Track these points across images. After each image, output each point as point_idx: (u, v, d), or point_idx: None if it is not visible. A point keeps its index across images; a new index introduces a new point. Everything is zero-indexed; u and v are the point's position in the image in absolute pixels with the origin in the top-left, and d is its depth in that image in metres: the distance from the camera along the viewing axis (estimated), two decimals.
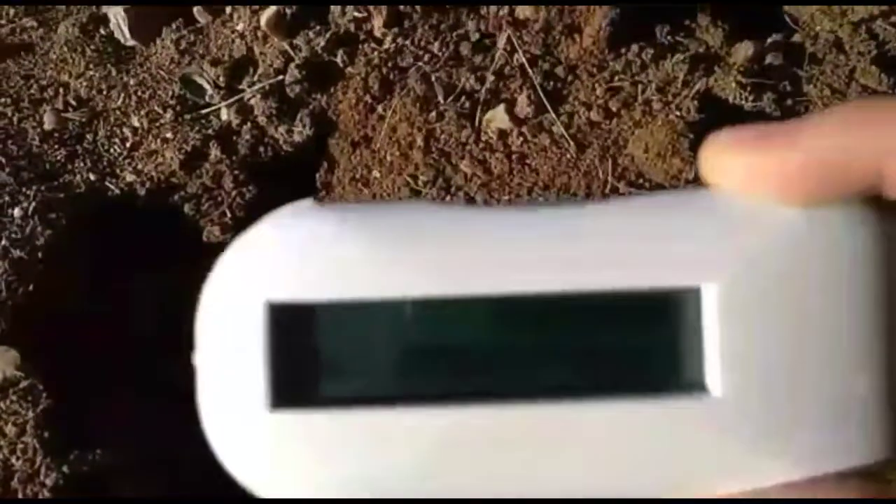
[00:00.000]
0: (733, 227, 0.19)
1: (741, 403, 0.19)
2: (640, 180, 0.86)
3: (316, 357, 0.19)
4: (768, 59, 0.94)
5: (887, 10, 1.04)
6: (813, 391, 0.19)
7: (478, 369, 0.20)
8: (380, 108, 1.01)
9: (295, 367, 0.19)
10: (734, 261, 0.19)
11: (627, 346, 0.20)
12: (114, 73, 1.07)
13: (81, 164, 1.00)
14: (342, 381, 0.20)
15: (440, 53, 1.00)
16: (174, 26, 1.10)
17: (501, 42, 0.98)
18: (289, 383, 0.19)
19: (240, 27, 1.07)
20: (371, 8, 1.03)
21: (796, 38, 1.00)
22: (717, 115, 0.88)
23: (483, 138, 0.94)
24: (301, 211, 0.20)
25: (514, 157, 0.92)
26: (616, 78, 0.94)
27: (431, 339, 0.20)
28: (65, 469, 0.76)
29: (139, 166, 1.01)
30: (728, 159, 0.19)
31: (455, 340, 0.20)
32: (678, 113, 0.88)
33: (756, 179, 0.19)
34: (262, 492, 0.20)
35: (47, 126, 1.04)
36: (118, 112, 1.04)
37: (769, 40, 0.99)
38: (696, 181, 0.84)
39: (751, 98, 0.89)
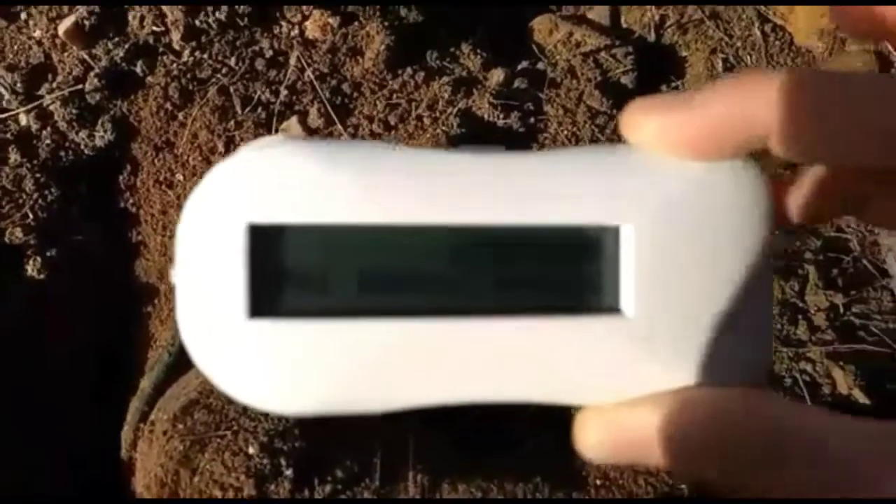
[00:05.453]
0: (647, 178, 0.22)
1: (649, 323, 0.22)
2: None
3: (289, 273, 0.22)
4: (516, 84, 1.14)
5: (610, 44, 1.29)
6: (708, 314, 0.22)
7: (425, 288, 0.22)
8: (180, 116, 1.09)
9: (270, 281, 0.22)
10: (647, 205, 0.22)
11: (554, 273, 0.22)
12: None
13: None
14: (311, 294, 0.22)
15: (237, 67, 1.10)
16: None
17: (293, 60, 1.10)
18: (265, 295, 0.22)
19: (37, 34, 1.10)
20: (169, 23, 1.11)
21: (540, 65, 1.22)
22: (473, 130, 1.06)
23: None
24: (277, 143, 0.22)
25: None
26: (394, 95, 1.10)
27: (388, 260, 0.22)
28: None
29: None
30: (641, 120, 0.22)
31: (407, 263, 0.22)
32: (444, 128, 1.05)
33: (662, 138, 0.22)
34: (238, 395, 0.22)
35: None
36: None
37: (518, 67, 1.19)
38: None
39: (501, 116, 1.08)
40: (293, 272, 0.22)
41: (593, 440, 0.22)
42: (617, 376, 0.22)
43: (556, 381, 0.22)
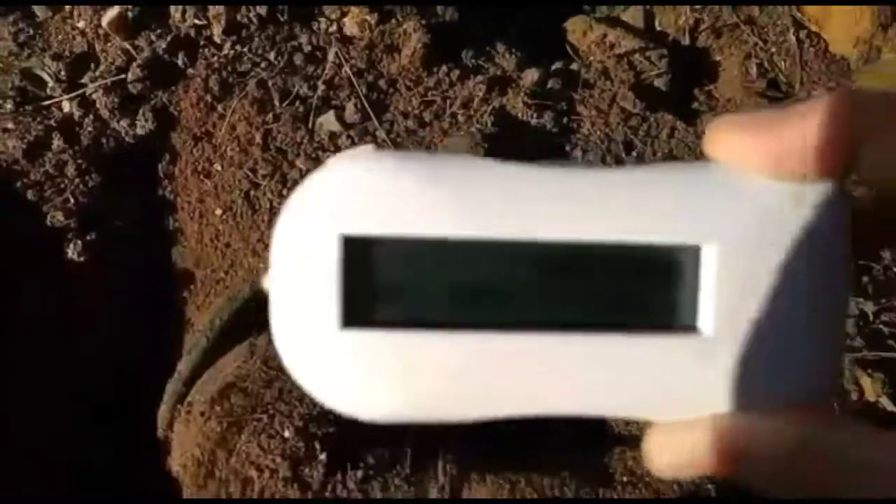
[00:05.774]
0: (731, 197, 0.22)
1: (726, 343, 0.22)
2: None
3: (380, 284, 0.22)
4: (550, 84, 1.15)
5: (644, 46, 1.30)
6: (783, 336, 0.22)
7: (510, 302, 0.22)
8: (220, 108, 1.11)
9: (362, 292, 0.22)
10: (731, 226, 0.22)
11: (634, 290, 0.23)
12: None
13: None
14: (402, 305, 0.22)
15: (276, 62, 1.12)
16: (11, 19, 1.13)
17: (331, 56, 1.12)
18: (356, 306, 0.22)
19: (81, 24, 1.13)
20: (210, 17, 1.13)
21: (573, 66, 1.22)
22: (508, 129, 1.07)
23: (316, 139, 1.07)
24: (368, 156, 0.23)
25: None
26: (429, 93, 1.11)
27: (476, 274, 0.22)
28: None
29: None
30: (729, 137, 0.22)
31: (493, 277, 0.22)
32: (478, 126, 1.06)
33: (751, 157, 0.21)
34: (330, 402, 0.23)
35: None
36: None
37: (553, 67, 1.20)
38: None
39: (535, 116, 1.09)
40: (385, 283, 0.22)
41: (665, 460, 0.22)
42: (690, 395, 0.22)
43: (629, 396, 0.23)
